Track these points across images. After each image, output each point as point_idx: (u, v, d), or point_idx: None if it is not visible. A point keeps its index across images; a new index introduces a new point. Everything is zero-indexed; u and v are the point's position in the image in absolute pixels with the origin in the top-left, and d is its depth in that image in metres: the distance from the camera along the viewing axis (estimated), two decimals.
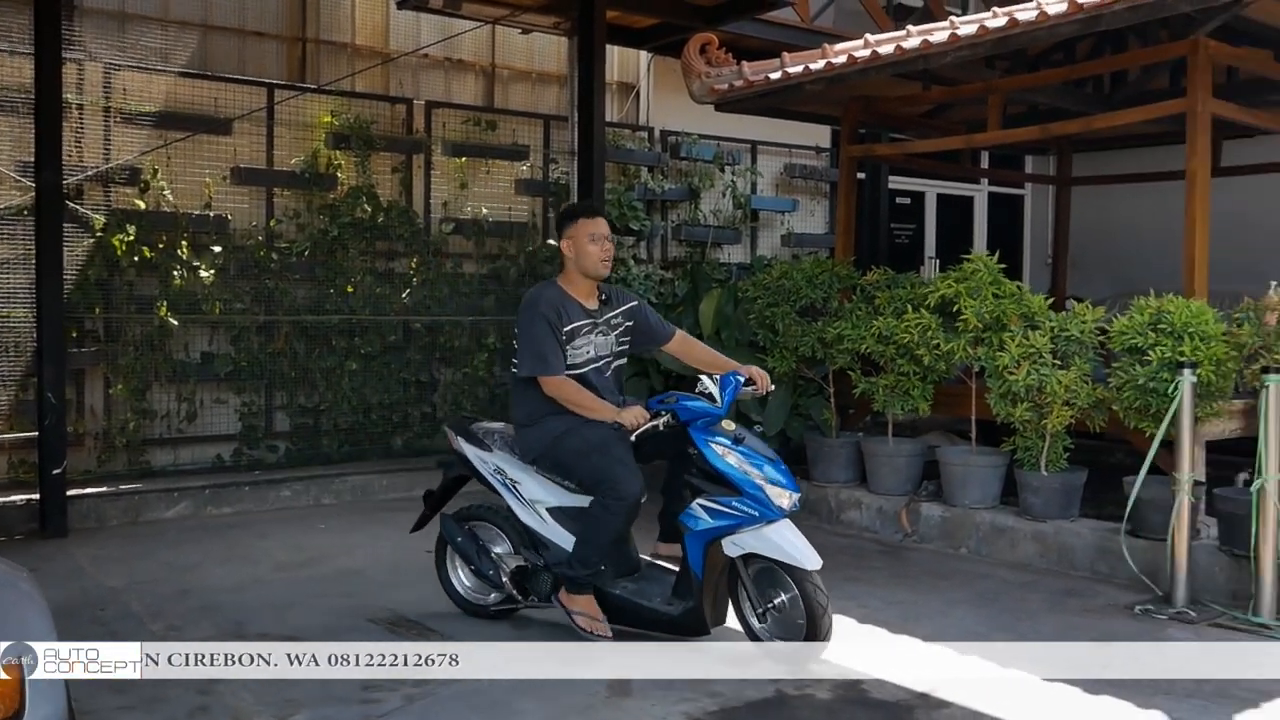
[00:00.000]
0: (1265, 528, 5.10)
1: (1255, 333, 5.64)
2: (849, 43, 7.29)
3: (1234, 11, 5.57)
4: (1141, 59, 6.91)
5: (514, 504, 4.68)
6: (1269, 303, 5.76)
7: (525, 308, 4.60)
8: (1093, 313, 6.09)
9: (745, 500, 4.25)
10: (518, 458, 4.70)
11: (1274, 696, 4.20)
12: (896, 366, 6.69)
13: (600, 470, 4.39)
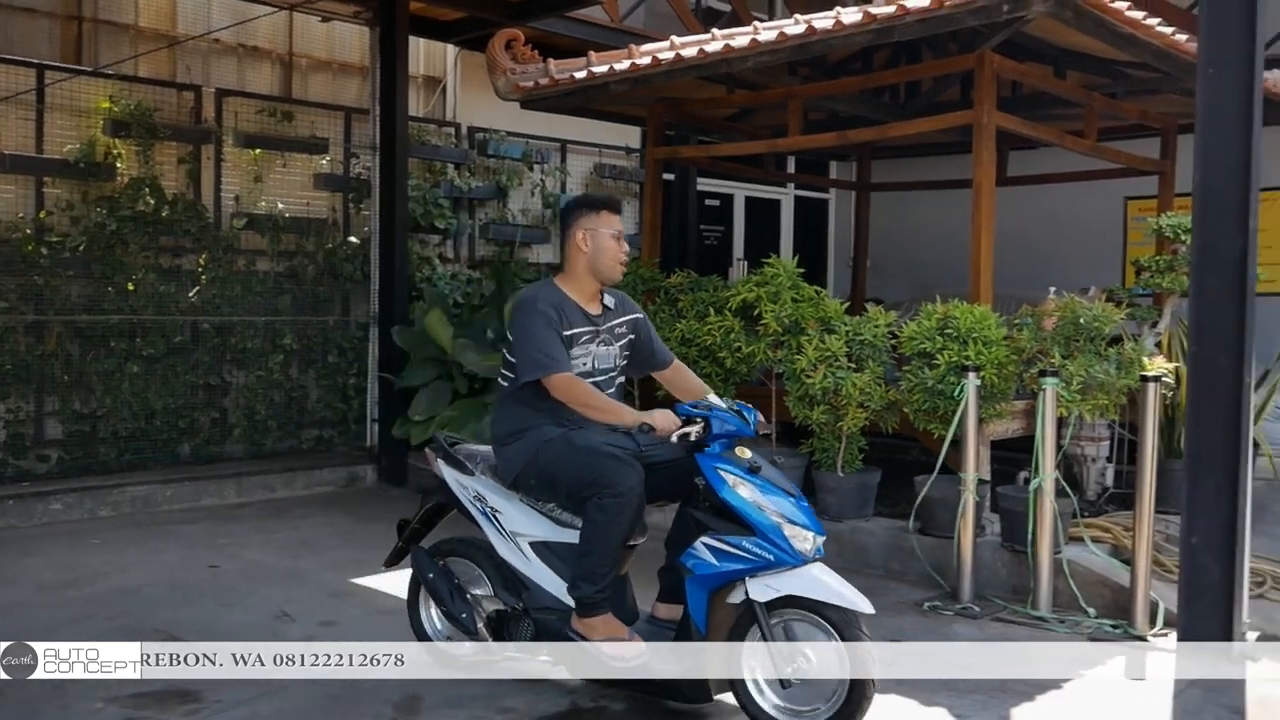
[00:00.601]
0: (1042, 525, 5.33)
1: (1034, 338, 5.88)
2: (655, 44, 7.28)
3: (1016, 28, 5.79)
4: (933, 70, 7.14)
5: (494, 537, 4.07)
6: (1047, 309, 6.03)
7: (520, 307, 4.01)
8: (885, 317, 6.24)
9: (759, 541, 3.61)
10: (500, 483, 4.11)
11: (1049, 689, 4.37)
12: (699, 369, 6.70)
13: (590, 468, 3.80)
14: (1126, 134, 8.44)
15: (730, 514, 3.65)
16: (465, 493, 4.16)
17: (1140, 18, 5.94)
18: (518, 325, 3.97)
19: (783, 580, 3.60)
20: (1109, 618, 5.18)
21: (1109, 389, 5.71)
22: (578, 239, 4.07)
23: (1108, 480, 6.60)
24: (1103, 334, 5.90)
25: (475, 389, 7.88)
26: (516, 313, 4.03)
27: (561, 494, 3.95)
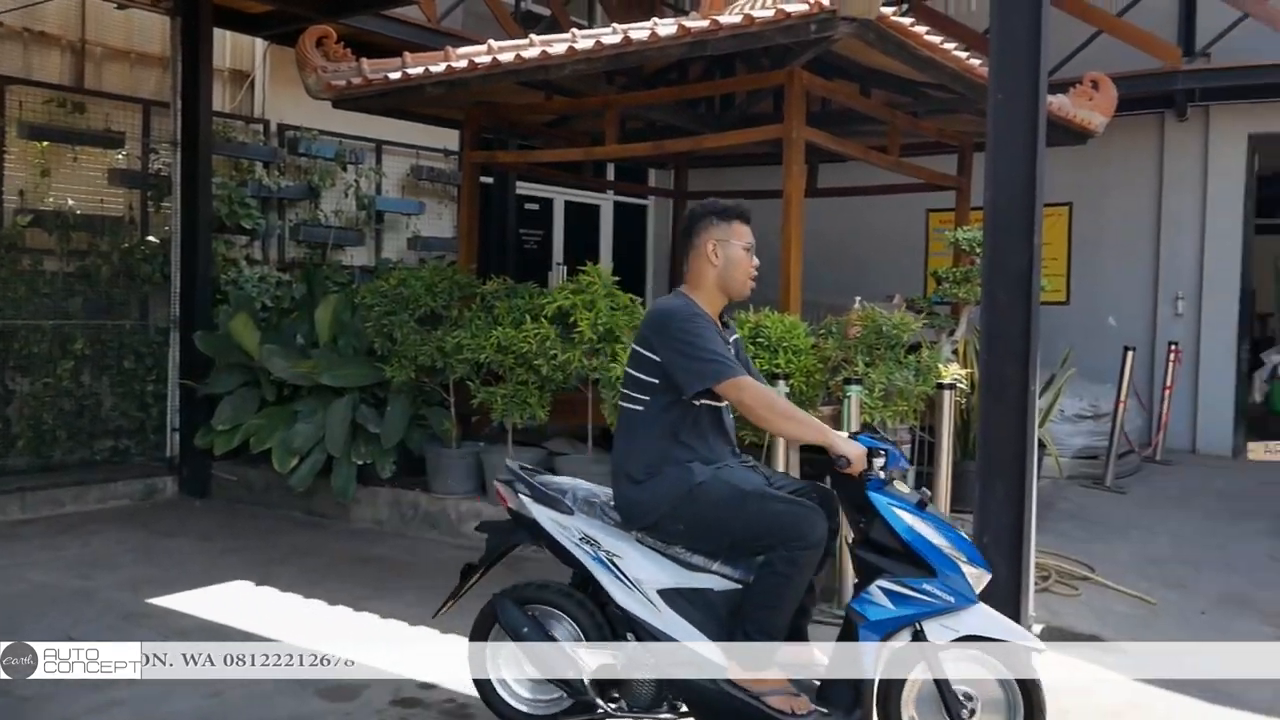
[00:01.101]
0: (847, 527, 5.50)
1: (839, 346, 6.08)
2: (472, 47, 7.20)
3: (824, 47, 5.98)
4: (746, 85, 7.30)
5: (611, 584, 3.53)
6: (851, 318, 6.25)
7: (675, 314, 3.54)
8: None
9: (941, 584, 3.34)
10: (611, 524, 3.62)
11: None
12: (515, 376, 6.66)
13: (773, 516, 3.41)
14: (927, 150, 8.84)
15: (905, 553, 3.38)
16: (567, 534, 3.61)
17: (939, 42, 6.24)
18: (677, 333, 3.49)
19: (960, 621, 3.35)
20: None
21: (909, 395, 5.95)
22: (707, 250, 3.69)
23: (909, 482, 6.88)
24: (903, 342, 6.14)
25: (284, 396, 7.60)
26: (672, 321, 3.53)
27: (724, 542, 3.51)
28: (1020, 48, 4.73)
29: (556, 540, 3.62)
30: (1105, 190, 10.96)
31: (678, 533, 3.52)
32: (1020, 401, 4.72)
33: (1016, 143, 4.75)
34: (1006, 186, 4.77)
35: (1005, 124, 4.78)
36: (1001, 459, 4.71)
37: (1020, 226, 4.71)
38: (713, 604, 3.49)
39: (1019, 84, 4.73)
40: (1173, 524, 7.58)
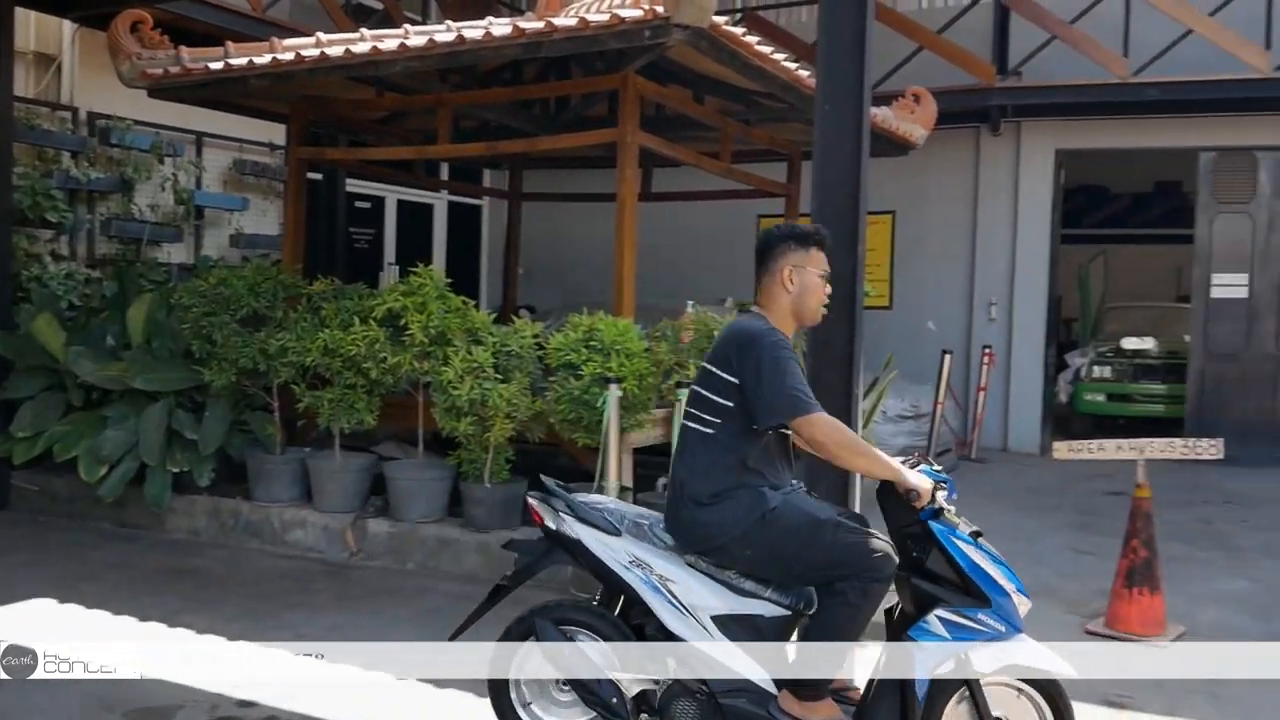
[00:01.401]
0: None
1: (672, 350, 6.14)
2: (299, 39, 6.96)
3: (658, 53, 6.03)
4: (580, 88, 7.30)
5: (663, 609, 3.41)
6: (684, 322, 6.32)
7: (760, 338, 3.39)
8: (532, 329, 6.30)
9: (994, 613, 3.35)
10: (661, 546, 3.50)
11: None
12: (343, 380, 6.48)
13: (847, 547, 3.32)
14: (758, 157, 9.04)
15: (950, 581, 3.39)
16: (615, 556, 3.48)
17: (769, 52, 6.37)
18: (764, 358, 3.34)
19: (1007, 650, 3.37)
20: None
21: None
22: (783, 275, 3.55)
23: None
24: None
25: (93, 401, 7.18)
26: (755, 346, 3.38)
27: (796, 570, 3.40)
28: (846, 61, 4.87)
29: (602, 562, 3.48)
30: (925, 200, 11.42)
31: (744, 558, 3.41)
32: (845, 402, 4.87)
33: (842, 153, 4.90)
34: (833, 195, 4.91)
35: (832, 134, 4.93)
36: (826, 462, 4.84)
37: (845, 234, 4.85)
38: (762, 630, 3.43)
39: (845, 96, 4.88)
40: (986, 519, 7.84)
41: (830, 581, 3.32)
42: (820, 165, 4.96)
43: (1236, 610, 5.86)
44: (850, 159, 4.89)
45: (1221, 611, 5.81)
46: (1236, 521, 8.11)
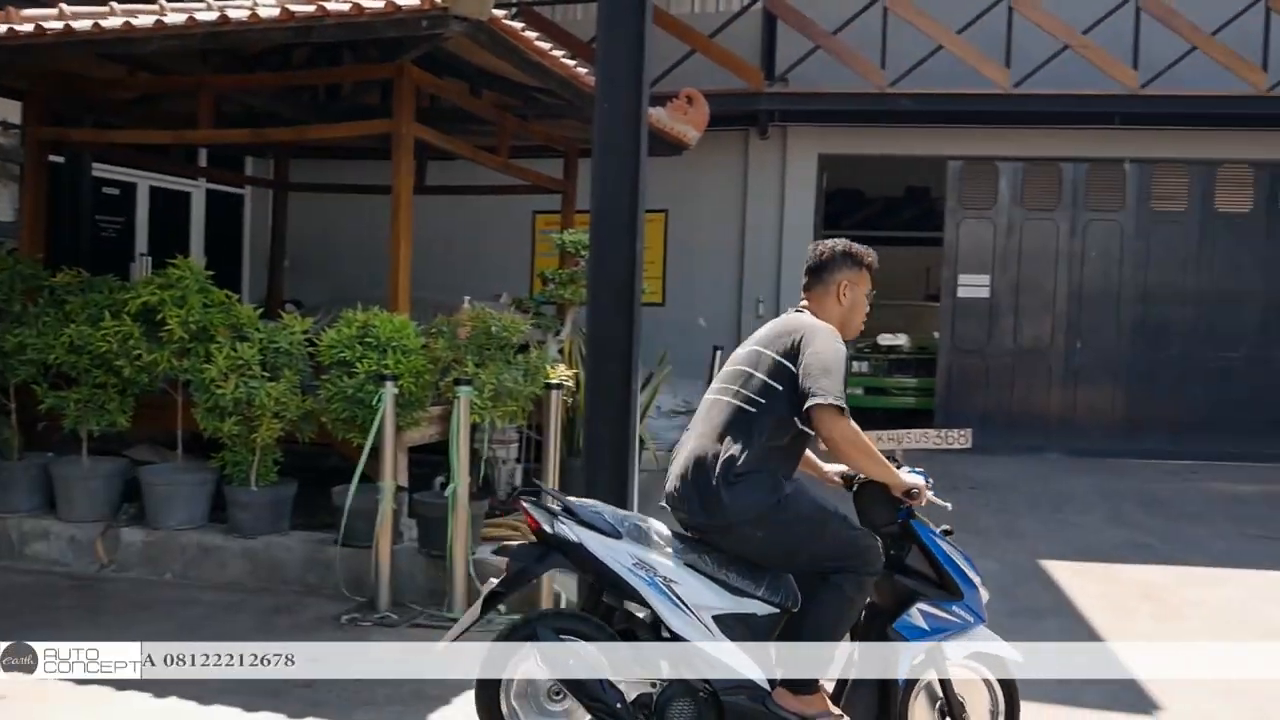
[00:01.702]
0: (458, 528, 5.48)
1: (449, 346, 6.04)
2: (40, 10, 6.41)
3: (435, 44, 5.91)
4: (354, 75, 7.07)
5: (666, 610, 3.42)
6: (462, 318, 6.23)
7: (830, 335, 3.58)
8: (302, 324, 6.06)
9: (967, 605, 3.62)
10: (662, 548, 3.51)
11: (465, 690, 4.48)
12: (92, 379, 6.04)
13: (849, 540, 3.48)
14: (535, 153, 9.02)
15: (927, 577, 3.62)
16: (619, 559, 3.45)
17: (548, 48, 6.36)
18: (827, 349, 3.49)
19: (972, 638, 3.63)
20: (519, 611, 5.43)
21: (518, 395, 6.02)
22: (838, 289, 3.77)
23: (517, 480, 6.98)
24: (512, 343, 6.21)
25: None
26: (819, 337, 3.54)
27: (798, 558, 3.51)
28: (625, 60, 4.90)
29: (605, 565, 3.46)
30: (697, 199, 11.70)
31: (754, 540, 3.48)
32: (623, 399, 4.91)
33: (621, 151, 4.93)
34: (611, 193, 4.93)
35: (611, 133, 4.95)
36: (606, 455, 4.88)
37: (624, 231, 4.89)
38: (756, 628, 3.50)
39: (623, 96, 4.91)
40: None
41: (827, 573, 3.46)
42: (599, 163, 4.97)
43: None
44: (629, 157, 4.92)
45: None
46: (980, 506, 8.71)
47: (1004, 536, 7.65)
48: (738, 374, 3.63)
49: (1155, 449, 11.02)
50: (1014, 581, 6.47)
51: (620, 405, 4.88)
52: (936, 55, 10.52)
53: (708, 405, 3.68)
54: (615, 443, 4.88)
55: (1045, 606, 5.99)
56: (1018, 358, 11.57)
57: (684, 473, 3.56)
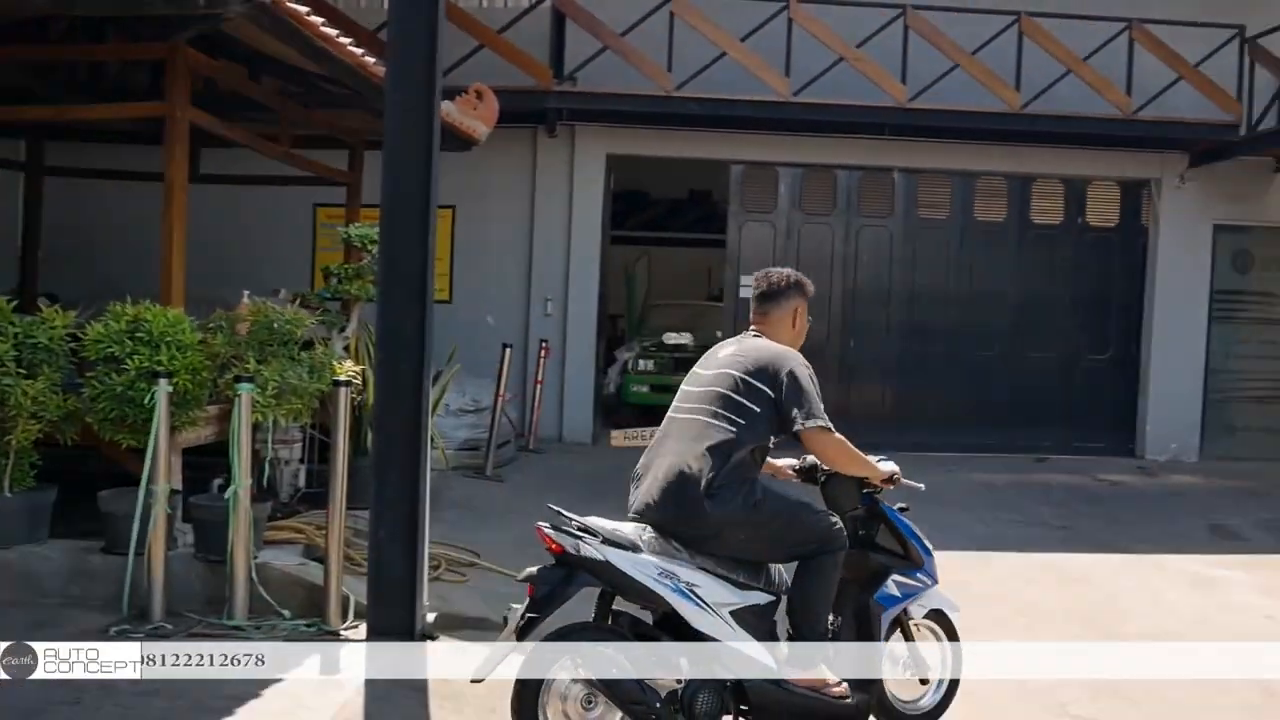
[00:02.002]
0: (238, 532, 5.25)
1: (228, 342, 5.78)
2: None
3: (215, 24, 5.64)
4: (122, 54, 6.65)
5: (691, 612, 3.72)
6: (241, 313, 5.97)
7: (795, 358, 4.00)
8: (63, 318, 5.65)
9: (926, 572, 4.29)
10: (677, 556, 3.79)
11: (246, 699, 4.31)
12: None
13: (819, 525, 3.94)
14: (319, 144, 8.73)
15: (893, 551, 4.25)
16: (646, 571, 3.70)
17: (335, 35, 6.17)
18: (804, 376, 3.92)
19: (929, 599, 4.32)
20: (305, 618, 5.28)
21: (303, 393, 5.82)
22: (793, 314, 4.19)
23: (300, 481, 6.74)
24: (295, 339, 6.00)
25: None
26: (794, 363, 3.96)
27: (779, 546, 3.94)
28: (418, 52, 4.83)
29: (633, 578, 3.68)
30: (486, 196, 11.61)
31: (737, 542, 3.84)
32: (415, 397, 4.83)
33: (413, 146, 4.85)
34: (403, 188, 4.85)
35: (402, 126, 4.86)
36: (397, 454, 4.80)
37: (415, 227, 4.82)
38: (760, 615, 3.89)
39: (416, 89, 4.84)
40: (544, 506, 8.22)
41: (806, 557, 3.90)
42: (390, 157, 4.88)
43: None
44: (421, 152, 4.85)
45: None
46: None
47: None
48: (712, 395, 3.94)
49: (922, 442, 11.65)
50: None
51: (412, 403, 4.81)
52: (721, 61, 10.82)
53: (681, 423, 3.97)
54: (407, 441, 4.80)
55: None
56: None
57: (665, 486, 3.83)
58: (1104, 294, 12.42)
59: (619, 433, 6.17)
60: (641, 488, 3.94)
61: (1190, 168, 12.05)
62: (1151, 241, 12.32)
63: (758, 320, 4.21)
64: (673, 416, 4.05)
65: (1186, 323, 12.22)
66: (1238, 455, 12.17)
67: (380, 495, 4.77)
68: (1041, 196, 12.42)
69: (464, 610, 5.44)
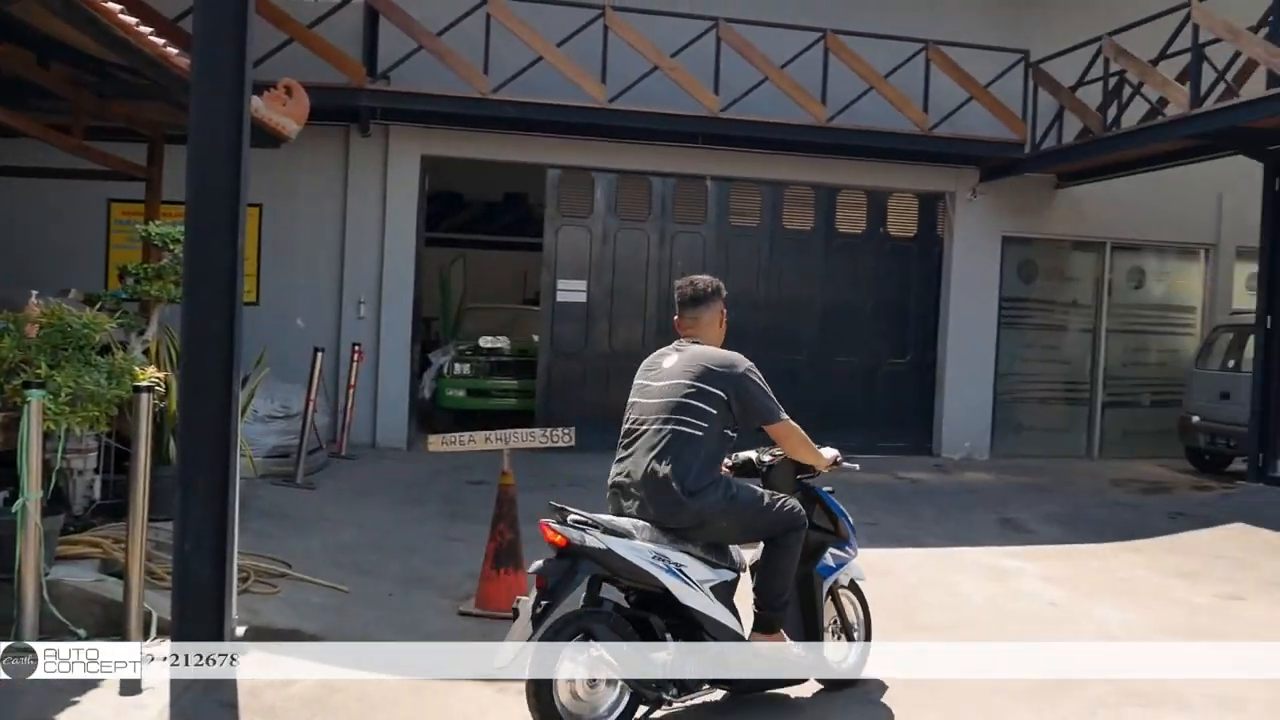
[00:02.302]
0: (27, 548, 4.92)
1: (16, 346, 5.42)
2: None
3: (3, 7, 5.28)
4: None
5: (679, 589, 4.19)
6: (30, 314, 5.61)
7: (739, 362, 4.46)
8: None
9: (850, 544, 4.95)
10: (666, 541, 4.24)
11: None
12: None
13: (784, 511, 4.47)
14: (115, 136, 8.29)
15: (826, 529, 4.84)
16: (641, 554, 4.13)
17: (134, 23, 5.88)
18: (751, 379, 4.41)
19: (851, 569, 4.97)
20: (103, 635, 4.99)
21: (100, 399, 5.51)
22: (719, 316, 4.67)
23: (95, 493, 6.37)
24: (93, 342, 5.68)
25: None
26: (741, 367, 4.42)
27: (753, 531, 4.49)
28: (226, 44, 4.66)
29: (631, 562, 4.09)
30: (295, 195, 11.28)
31: (719, 529, 4.36)
32: (223, 403, 4.65)
33: (221, 141, 4.67)
34: (210, 185, 4.67)
35: (209, 122, 4.67)
36: (203, 461, 4.60)
37: (224, 225, 4.65)
38: (729, 589, 4.42)
39: (224, 81, 4.66)
40: (359, 514, 8.08)
41: (772, 538, 4.47)
42: (196, 154, 4.67)
43: None
44: (230, 148, 4.68)
45: None
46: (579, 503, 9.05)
47: None
48: (673, 405, 4.33)
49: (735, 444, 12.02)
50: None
51: (220, 408, 4.62)
52: (538, 66, 10.83)
53: (649, 434, 4.32)
54: (214, 447, 4.60)
55: None
56: (613, 360, 12.17)
57: (652, 490, 4.23)
58: (903, 301, 13.05)
59: (436, 437, 6.08)
60: (628, 493, 4.32)
61: (981, 182, 12.83)
62: (946, 251, 13.03)
63: (689, 324, 4.62)
64: (636, 428, 4.39)
65: (978, 329, 12.99)
66: (1024, 453, 13.04)
67: (186, 504, 4.56)
68: (846, 207, 12.95)
69: (274, 622, 5.26)
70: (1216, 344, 12.48)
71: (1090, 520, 9.23)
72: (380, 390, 11.45)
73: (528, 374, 12.70)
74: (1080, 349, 13.67)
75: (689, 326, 4.60)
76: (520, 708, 4.34)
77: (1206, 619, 6.19)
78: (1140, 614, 6.24)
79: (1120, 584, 6.99)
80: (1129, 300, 13.80)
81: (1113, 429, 13.67)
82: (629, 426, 4.42)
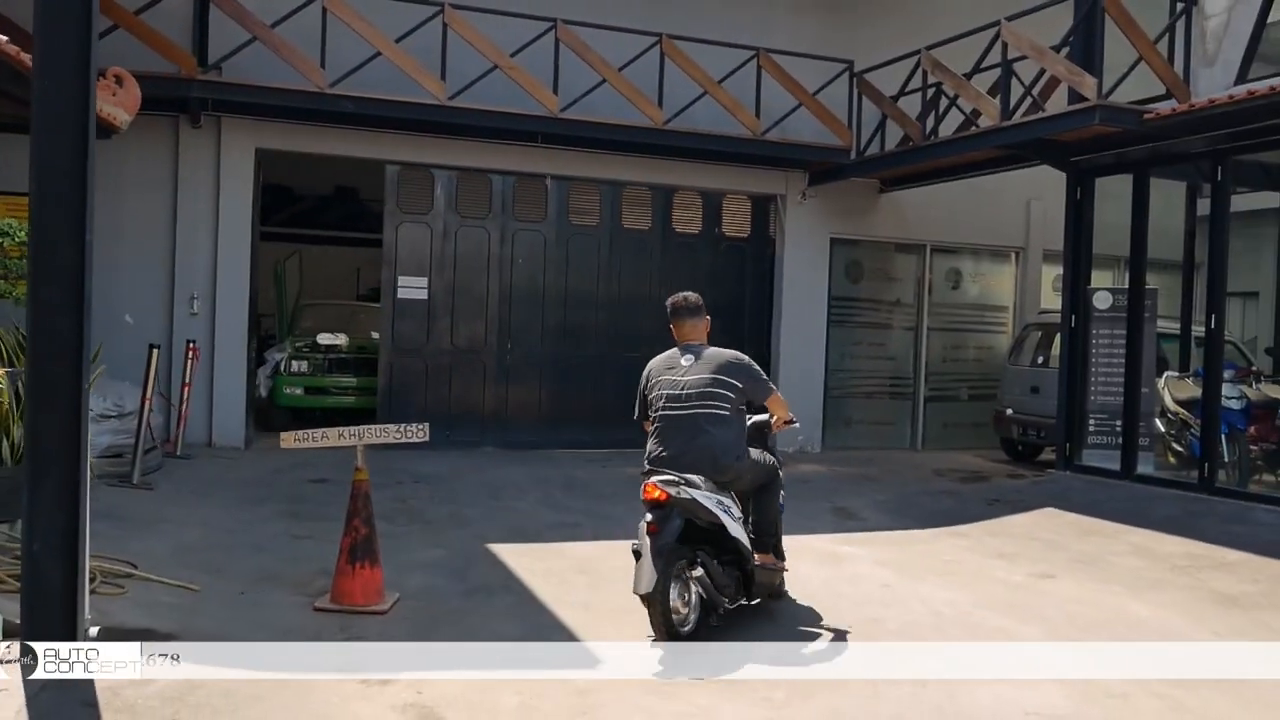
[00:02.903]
0: None
1: None
2: None
3: None
4: None
5: (730, 524, 5.59)
6: None
7: (747, 359, 5.97)
8: None
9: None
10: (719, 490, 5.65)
11: None
12: None
13: (774, 466, 6.16)
14: None
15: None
16: (711, 502, 5.50)
17: None
18: (757, 368, 5.96)
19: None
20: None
21: None
22: (707, 322, 6.11)
23: None
24: None
25: None
26: (749, 363, 5.94)
27: (756, 480, 5.96)
28: (70, 35, 4.60)
29: (708, 508, 5.46)
30: (121, 188, 10.87)
31: (746, 480, 5.87)
32: (73, 401, 4.59)
33: (66, 134, 4.61)
34: (55, 179, 4.60)
35: (53, 114, 4.59)
36: (54, 461, 4.52)
37: (72, 221, 4.61)
38: (743, 524, 5.81)
39: (68, 74, 4.60)
40: (201, 514, 7.93)
41: (767, 483, 6.03)
42: (40, 147, 4.59)
43: (437, 574, 6.65)
44: (76, 141, 4.63)
45: (425, 577, 6.56)
46: (426, 498, 9.13)
47: (452, 524, 8.12)
48: (708, 394, 5.70)
49: (576, 439, 12.26)
50: (466, 564, 6.93)
51: (69, 407, 4.57)
52: (377, 61, 10.77)
53: (687, 418, 5.67)
54: (64, 448, 4.53)
55: (497, 584, 6.51)
56: (455, 357, 12.22)
57: (705, 456, 5.59)
58: (739, 300, 13.50)
59: (289, 434, 6.06)
60: (673, 459, 5.59)
61: (810, 185, 13.40)
62: (778, 252, 13.55)
63: (691, 330, 6.00)
64: (669, 414, 5.69)
65: (809, 326, 13.57)
66: (853, 445, 13.70)
67: (34, 505, 4.47)
68: (682, 207, 13.32)
69: (126, 622, 5.17)
70: (1027, 341, 13.33)
71: (917, 508, 9.79)
72: (216, 388, 11.17)
73: (366, 371, 12.60)
74: (904, 346, 14.41)
75: (694, 333, 5.98)
76: (384, 699, 4.47)
77: (1022, 595, 6.71)
78: (964, 593, 6.71)
79: (945, 565, 7.48)
80: (947, 300, 14.62)
81: (934, 422, 14.46)
82: (664, 413, 5.71)
